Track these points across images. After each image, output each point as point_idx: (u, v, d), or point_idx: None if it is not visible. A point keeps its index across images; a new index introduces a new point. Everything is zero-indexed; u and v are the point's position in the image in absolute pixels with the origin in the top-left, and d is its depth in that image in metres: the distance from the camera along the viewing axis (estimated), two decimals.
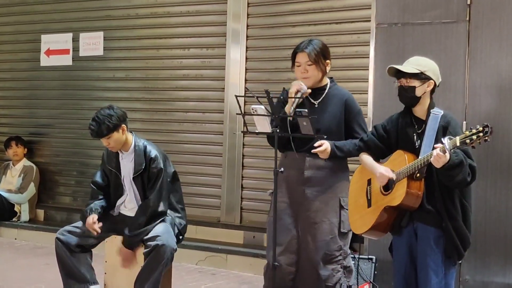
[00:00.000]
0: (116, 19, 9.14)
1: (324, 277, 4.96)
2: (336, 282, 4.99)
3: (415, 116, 4.49)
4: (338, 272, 5.00)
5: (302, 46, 5.04)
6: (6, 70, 10.14)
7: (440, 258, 4.35)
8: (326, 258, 4.97)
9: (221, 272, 7.53)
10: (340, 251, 5.01)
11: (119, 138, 5.57)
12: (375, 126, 4.70)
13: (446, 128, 4.30)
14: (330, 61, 5.09)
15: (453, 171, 4.14)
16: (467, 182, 4.22)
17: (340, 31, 7.57)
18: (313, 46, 5.00)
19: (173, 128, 8.73)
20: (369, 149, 4.66)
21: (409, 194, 4.31)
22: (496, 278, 6.08)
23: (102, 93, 9.20)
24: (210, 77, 8.47)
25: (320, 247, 4.97)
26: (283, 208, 5.08)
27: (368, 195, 4.61)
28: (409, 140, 4.45)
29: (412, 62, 4.47)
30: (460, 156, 4.15)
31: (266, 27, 8.09)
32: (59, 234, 5.68)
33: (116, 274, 5.76)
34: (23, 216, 9.20)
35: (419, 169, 4.25)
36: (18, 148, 9.39)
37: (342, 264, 5.03)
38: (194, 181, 8.42)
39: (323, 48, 5.04)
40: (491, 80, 6.11)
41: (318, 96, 5.07)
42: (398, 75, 4.46)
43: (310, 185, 5.03)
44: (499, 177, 6.06)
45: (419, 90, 4.40)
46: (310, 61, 4.98)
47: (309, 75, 5.01)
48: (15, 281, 6.81)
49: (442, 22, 6.29)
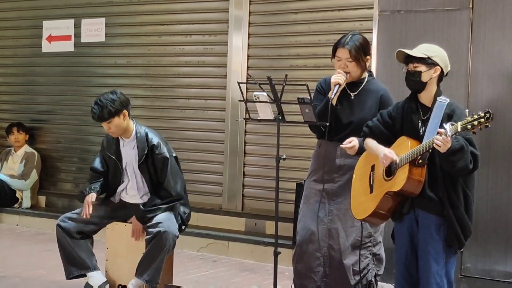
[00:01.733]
0: (118, 5, 9.11)
1: (351, 261, 5.02)
2: (364, 267, 5.06)
3: (420, 103, 4.49)
4: (367, 258, 5.08)
5: (343, 42, 5.02)
6: (8, 56, 10.13)
7: (441, 246, 4.36)
8: (356, 243, 5.03)
9: (223, 259, 7.54)
10: (370, 237, 5.08)
11: (120, 124, 5.56)
12: (380, 113, 4.70)
13: (451, 116, 4.30)
14: (370, 56, 5.10)
15: (454, 156, 4.14)
16: (469, 169, 4.22)
17: (342, 18, 7.54)
18: (354, 42, 4.99)
19: (175, 115, 8.72)
20: (374, 134, 4.66)
21: (411, 180, 4.31)
22: (497, 266, 6.08)
23: (103, 79, 9.18)
24: (212, 64, 8.45)
25: (350, 233, 5.04)
26: (314, 195, 5.15)
27: (371, 181, 4.62)
28: (414, 126, 4.45)
29: (421, 48, 4.48)
30: (461, 142, 4.16)
31: (269, 13, 8.06)
32: (60, 220, 5.69)
33: (117, 260, 5.78)
34: (25, 203, 9.20)
35: (421, 154, 4.26)
36: (19, 134, 9.38)
37: (372, 251, 5.10)
38: (196, 168, 8.42)
39: (364, 44, 5.04)
40: (494, 67, 6.09)
41: (355, 89, 5.09)
42: (406, 60, 4.46)
43: (341, 173, 5.08)
44: (501, 165, 6.06)
45: (425, 75, 4.40)
46: (350, 58, 4.99)
47: (349, 70, 5.02)
48: (16, 267, 6.83)
49: (445, 10, 6.27)
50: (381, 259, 5.19)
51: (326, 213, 5.10)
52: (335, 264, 5.06)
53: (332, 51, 5.09)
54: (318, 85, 5.18)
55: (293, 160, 7.21)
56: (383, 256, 5.21)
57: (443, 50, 4.50)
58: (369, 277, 5.10)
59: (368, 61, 5.09)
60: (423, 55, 4.41)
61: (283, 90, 5.03)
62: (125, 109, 5.58)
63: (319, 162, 5.15)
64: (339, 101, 4.99)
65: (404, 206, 4.46)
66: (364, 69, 5.09)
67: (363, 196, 4.66)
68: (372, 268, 5.12)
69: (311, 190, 5.19)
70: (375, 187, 4.56)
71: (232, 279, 6.76)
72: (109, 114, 5.50)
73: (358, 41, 5.01)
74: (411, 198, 4.40)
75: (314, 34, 7.70)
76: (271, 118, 4.95)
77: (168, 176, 5.55)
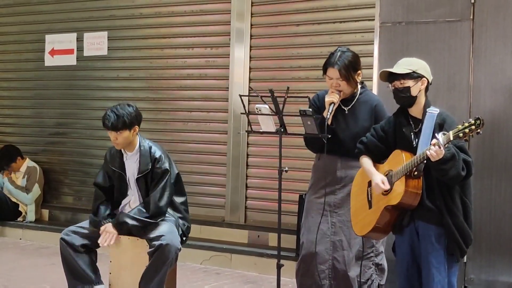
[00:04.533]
0: (120, 19, 9.15)
1: (356, 273, 5.03)
2: (368, 278, 5.09)
3: (411, 116, 4.52)
4: (370, 268, 5.10)
5: (332, 62, 5.02)
6: (11, 70, 10.15)
7: (442, 255, 4.37)
8: (359, 254, 5.05)
9: (226, 272, 7.53)
10: (372, 248, 5.11)
11: (128, 137, 5.57)
12: (374, 127, 4.75)
13: (442, 126, 4.35)
14: (361, 71, 5.10)
15: (446, 165, 4.17)
16: (462, 177, 4.25)
17: (344, 30, 7.57)
18: (343, 61, 4.99)
19: (177, 127, 8.73)
20: (369, 151, 4.70)
21: (408, 192, 4.34)
22: (501, 277, 6.07)
23: (106, 93, 9.20)
24: (214, 77, 8.47)
25: (354, 244, 5.06)
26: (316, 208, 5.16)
27: (369, 196, 4.64)
28: (407, 139, 4.49)
29: (402, 64, 4.51)
30: (452, 150, 4.19)
31: (270, 26, 8.08)
32: (63, 234, 5.68)
33: (121, 274, 5.77)
34: (29, 216, 9.19)
35: (415, 166, 4.29)
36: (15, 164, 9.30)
37: (374, 261, 5.13)
38: (198, 181, 8.42)
39: (353, 61, 5.04)
40: (496, 78, 6.10)
41: (348, 103, 5.12)
42: (391, 78, 4.50)
43: (342, 184, 5.10)
44: (504, 176, 6.05)
45: (414, 89, 4.45)
46: (341, 78, 5.00)
47: (341, 89, 5.04)
48: (20, 281, 6.82)
49: (446, 21, 6.28)
50: (383, 269, 5.20)
51: (329, 226, 5.11)
52: (340, 276, 5.07)
53: (323, 69, 5.10)
54: (312, 102, 5.18)
55: (296, 171, 7.22)
56: (385, 266, 5.22)
57: (422, 61, 4.54)
58: (373, 287, 5.12)
59: (359, 76, 5.08)
60: (408, 70, 4.44)
61: (285, 102, 5.04)
62: (137, 125, 5.61)
63: (319, 175, 5.17)
64: (334, 116, 5.01)
65: (404, 218, 4.48)
66: (356, 85, 5.09)
67: (363, 212, 4.67)
68: (376, 279, 5.15)
69: (312, 204, 5.20)
70: (374, 202, 4.59)
71: None
72: (122, 125, 5.51)
73: (347, 59, 5.00)
74: (411, 210, 4.42)
75: (316, 46, 7.72)
76: (273, 130, 4.96)
77: (159, 188, 5.54)
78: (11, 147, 9.44)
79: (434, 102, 5.81)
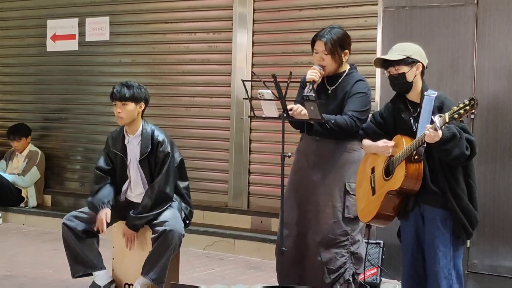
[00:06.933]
0: (122, 4, 9.11)
1: (325, 259, 4.96)
2: (340, 266, 4.99)
3: (409, 100, 4.51)
4: (343, 257, 5.00)
5: (320, 34, 5.01)
6: (13, 56, 10.14)
7: (448, 238, 4.37)
8: (330, 241, 4.98)
9: (229, 257, 7.53)
10: (346, 236, 5.01)
11: (133, 112, 5.55)
12: (372, 114, 4.75)
13: (441, 108, 4.34)
14: (349, 51, 5.06)
15: (447, 145, 4.17)
16: (466, 156, 4.24)
17: (347, 14, 7.53)
18: (331, 35, 4.97)
19: (180, 113, 8.72)
20: (369, 136, 4.69)
21: (408, 177, 4.34)
22: (504, 262, 6.07)
23: (108, 78, 9.17)
24: (217, 62, 8.44)
25: (322, 230, 4.99)
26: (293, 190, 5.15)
27: (372, 183, 4.63)
28: (406, 124, 4.48)
29: (396, 49, 4.51)
30: (452, 129, 4.18)
31: (273, 10, 8.05)
32: (66, 219, 5.68)
33: (123, 259, 5.78)
34: (31, 202, 9.21)
35: (415, 150, 4.28)
36: (18, 142, 9.31)
37: (349, 249, 5.02)
38: (201, 166, 8.41)
39: (341, 38, 5.00)
40: (499, 63, 6.07)
41: (334, 83, 5.07)
42: (385, 65, 4.49)
43: (317, 169, 5.05)
44: (508, 160, 6.04)
45: (409, 75, 4.44)
46: (326, 51, 4.96)
47: (324, 63, 5.01)
48: (23, 267, 6.83)
49: (450, 5, 6.24)
50: (360, 258, 5.08)
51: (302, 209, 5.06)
52: (310, 260, 5.03)
53: (311, 44, 5.07)
54: (302, 81, 5.14)
55: None
56: (363, 255, 5.10)
57: (416, 45, 4.53)
58: (347, 276, 5.01)
59: (346, 56, 5.03)
60: (402, 56, 4.43)
61: (288, 88, 5.01)
62: (144, 103, 5.60)
63: (298, 156, 5.14)
64: (318, 96, 4.90)
65: (408, 203, 4.47)
66: (340, 63, 5.03)
67: (367, 199, 4.67)
68: (350, 267, 5.03)
69: (290, 186, 5.18)
70: (377, 188, 4.58)
71: (238, 277, 6.76)
72: (130, 95, 5.52)
73: (335, 35, 4.98)
74: (415, 195, 4.41)
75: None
76: (276, 115, 4.93)
77: (162, 174, 5.54)
78: (25, 125, 9.46)
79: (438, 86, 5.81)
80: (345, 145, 5.02)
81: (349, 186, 4.99)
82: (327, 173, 5.02)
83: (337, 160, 5.02)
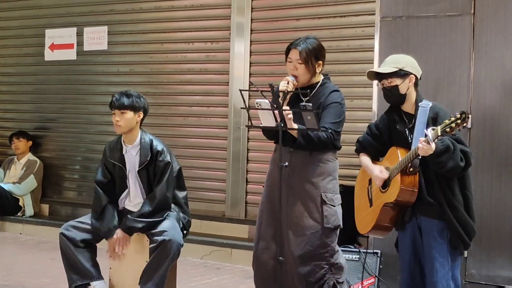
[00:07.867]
0: (120, 14, 9.13)
1: (303, 271, 4.89)
2: (320, 278, 4.91)
3: (404, 112, 4.51)
4: (322, 268, 4.91)
5: (296, 43, 4.96)
6: (11, 65, 10.16)
7: (446, 249, 4.37)
8: (308, 253, 4.89)
9: (226, 267, 7.53)
10: (326, 248, 4.90)
11: (131, 121, 5.55)
12: (368, 126, 4.74)
13: (435, 119, 4.34)
14: (322, 62, 4.99)
15: (441, 157, 4.18)
16: (461, 168, 4.24)
17: (344, 24, 7.55)
18: (307, 45, 4.92)
19: (177, 122, 8.73)
20: (365, 149, 4.69)
21: (404, 189, 4.35)
22: (502, 271, 6.07)
23: (106, 87, 9.19)
24: (215, 71, 8.46)
25: (300, 242, 4.91)
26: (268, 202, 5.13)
27: (369, 194, 4.64)
28: (402, 136, 4.49)
29: (389, 62, 4.51)
30: (446, 142, 4.19)
31: (271, 20, 8.07)
32: (63, 229, 5.67)
33: (121, 269, 5.76)
34: (28, 211, 9.20)
35: (410, 162, 4.28)
36: (19, 141, 9.39)
37: (329, 261, 4.92)
38: (198, 175, 8.42)
39: (316, 48, 4.95)
40: (496, 73, 6.09)
41: (307, 94, 4.97)
42: (379, 77, 4.49)
43: (293, 180, 4.97)
44: (504, 171, 6.04)
45: (402, 87, 4.44)
46: (300, 60, 4.91)
47: (297, 73, 4.94)
48: (20, 276, 6.83)
49: (447, 15, 6.26)
50: (340, 267, 4.99)
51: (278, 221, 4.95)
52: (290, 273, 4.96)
53: (285, 52, 5.02)
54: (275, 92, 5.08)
55: None
56: (343, 264, 5.02)
57: (409, 56, 4.54)
58: (326, 287, 4.93)
59: (320, 67, 4.96)
60: (394, 69, 4.42)
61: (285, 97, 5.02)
62: (143, 113, 5.61)
63: (273, 167, 5.08)
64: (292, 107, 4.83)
65: (405, 214, 4.47)
66: (313, 74, 4.96)
67: (364, 210, 4.68)
68: (330, 278, 4.93)
69: (266, 198, 5.13)
70: (374, 200, 4.59)
71: (236, 286, 6.75)
72: (129, 104, 5.52)
73: (311, 45, 4.92)
74: (412, 206, 4.41)
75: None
76: (273, 125, 4.93)
77: (163, 182, 5.53)
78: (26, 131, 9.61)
79: (434, 96, 5.84)
80: (319, 156, 4.93)
81: (325, 196, 4.89)
82: (302, 184, 4.95)
83: (312, 171, 4.93)
